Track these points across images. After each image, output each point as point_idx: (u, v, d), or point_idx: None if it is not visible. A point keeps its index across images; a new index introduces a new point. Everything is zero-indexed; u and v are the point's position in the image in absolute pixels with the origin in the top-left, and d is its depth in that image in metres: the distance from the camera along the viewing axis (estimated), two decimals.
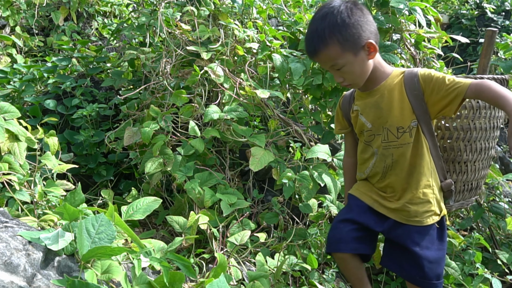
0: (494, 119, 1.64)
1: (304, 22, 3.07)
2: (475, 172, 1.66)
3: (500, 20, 6.46)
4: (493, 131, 1.66)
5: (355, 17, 1.37)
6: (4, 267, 1.08)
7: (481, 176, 1.70)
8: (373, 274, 2.38)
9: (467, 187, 1.67)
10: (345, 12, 1.37)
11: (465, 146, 1.62)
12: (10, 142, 1.84)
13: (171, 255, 1.31)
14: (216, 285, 1.03)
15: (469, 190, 1.69)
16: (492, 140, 1.66)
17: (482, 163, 1.67)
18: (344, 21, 1.36)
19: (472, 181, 1.68)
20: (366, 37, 1.38)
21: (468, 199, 1.71)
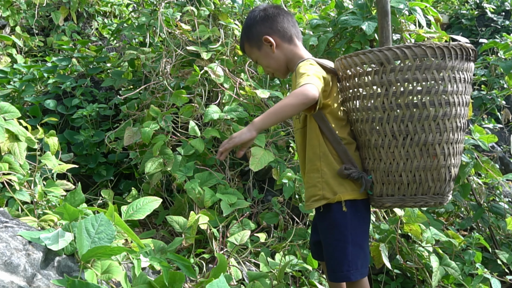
0: (404, 97, 1.37)
1: (304, 22, 3.07)
2: (398, 161, 1.40)
3: (500, 20, 6.46)
4: (411, 112, 1.37)
5: (256, 19, 1.62)
6: (4, 267, 1.08)
7: (416, 168, 1.39)
8: (373, 274, 2.38)
9: (395, 178, 1.42)
10: (251, 16, 1.64)
11: (371, 129, 1.43)
12: (10, 142, 1.84)
13: (171, 255, 1.31)
14: (216, 285, 1.03)
15: (403, 184, 1.42)
16: (417, 123, 1.37)
17: (406, 150, 1.39)
18: (247, 23, 1.65)
19: (401, 172, 1.41)
20: (265, 33, 1.59)
21: (413, 196, 1.43)
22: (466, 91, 1.41)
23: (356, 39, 2.40)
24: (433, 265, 2.07)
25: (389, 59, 1.36)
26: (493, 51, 3.31)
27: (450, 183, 1.43)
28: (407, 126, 1.37)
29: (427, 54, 1.35)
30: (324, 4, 3.15)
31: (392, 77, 1.37)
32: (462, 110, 1.40)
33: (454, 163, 1.41)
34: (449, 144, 1.39)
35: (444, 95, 1.36)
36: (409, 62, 1.36)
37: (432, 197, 1.42)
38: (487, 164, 2.46)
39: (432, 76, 1.35)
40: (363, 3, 2.42)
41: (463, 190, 2.53)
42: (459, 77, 1.38)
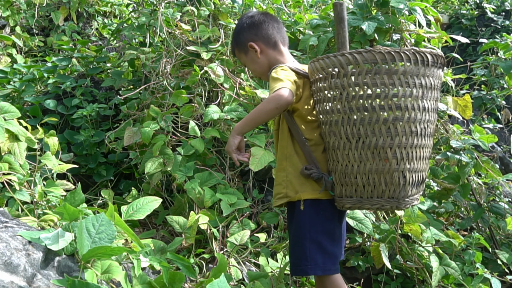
0: (356, 101, 1.40)
1: (304, 22, 3.07)
2: (353, 163, 1.43)
3: (500, 20, 6.46)
4: (363, 115, 1.40)
5: (244, 26, 1.71)
6: (4, 267, 1.08)
7: (369, 170, 1.41)
8: (373, 274, 2.38)
9: (351, 180, 1.45)
10: (239, 22, 1.75)
11: (329, 131, 1.48)
12: (10, 142, 1.84)
13: (171, 255, 1.31)
14: (216, 285, 1.03)
15: (359, 186, 1.44)
16: (368, 126, 1.39)
17: (359, 153, 1.42)
18: (236, 30, 1.75)
19: (356, 174, 1.43)
20: (250, 39, 1.68)
21: (370, 199, 1.44)
22: (426, 96, 1.41)
23: (356, 39, 2.40)
24: (433, 265, 2.07)
25: (343, 64, 1.40)
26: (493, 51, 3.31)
27: (406, 188, 1.42)
28: (359, 129, 1.41)
29: (377, 60, 1.37)
30: (324, 4, 3.15)
31: (345, 82, 1.41)
32: (420, 115, 1.40)
33: (410, 168, 1.41)
34: (402, 149, 1.39)
35: (396, 99, 1.38)
36: (359, 67, 1.39)
37: (387, 201, 1.43)
38: (487, 164, 2.46)
39: (382, 80, 1.37)
40: (363, 3, 2.42)
41: (463, 190, 2.53)
42: (414, 82, 1.38)
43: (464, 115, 2.74)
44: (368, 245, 2.35)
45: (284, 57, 1.69)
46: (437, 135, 2.70)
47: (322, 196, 1.53)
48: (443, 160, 2.67)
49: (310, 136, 1.57)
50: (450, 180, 2.56)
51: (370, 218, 2.29)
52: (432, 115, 1.45)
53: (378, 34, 2.40)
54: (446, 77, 2.87)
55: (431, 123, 1.45)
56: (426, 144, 1.46)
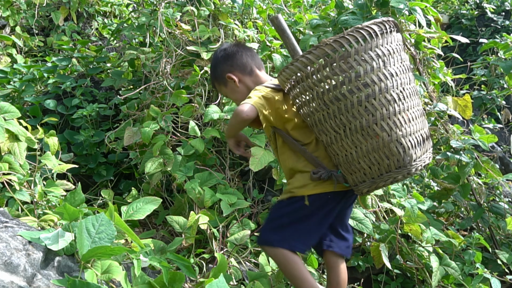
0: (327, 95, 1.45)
1: (304, 22, 3.07)
2: (350, 151, 1.50)
3: (500, 20, 6.46)
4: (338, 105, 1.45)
5: (219, 59, 1.80)
6: (4, 267, 1.08)
7: (367, 151, 1.46)
8: (373, 274, 2.38)
9: (357, 166, 1.51)
10: (214, 56, 1.83)
11: (318, 131, 1.56)
12: (10, 142, 1.84)
13: (171, 255, 1.31)
14: (215, 285, 1.03)
15: (365, 169, 1.50)
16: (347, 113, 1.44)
17: (351, 140, 1.47)
18: (212, 64, 1.83)
19: (358, 160, 1.49)
20: (227, 71, 1.76)
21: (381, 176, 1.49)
22: (388, 63, 1.43)
23: None
24: (433, 265, 2.07)
25: (301, 68, 1.48)
26: (493, 51, 3.31)
27: (409, 153, 1.44)
28: (340, 119, 1.45)
29: (327, 52, 1.42)
30: (324, 4, 3.15)
31: (310, 82, 1.48)
32: (390, 83, 1.42)
33: (403, 133, 1.43)
34: (387, 120, 1.42)
35: (360, 79, 1.41)
36: (316, 65, 1.45)
37: (397, 171, 1.45)
38: (487, 164, 2.46)
39: (341, 68, 1.42)
40: (363, 3, 2.42)
41: (463, 190, 2.53)
42: (370, 56, 1.41)
43: (464, 115, 2.74)
44: (368, 245, 2.35)
45: (261, 80, 1.77)
46: (437, 135, 2.70)
47: (331, 189, 1.58)
48: (443, 160, 2.67)
49: (308, 141, 1.63)
50: (450, 180, 2.56)
51: (370, 218, 2.29)
52: (403, 76, 1.46)
53: None
54: (446, 77, 2.87)
55: (406, 84, 1.47)
56: (411, 105, 1.47)
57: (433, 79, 2.83)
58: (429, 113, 2.83)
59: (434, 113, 2.71)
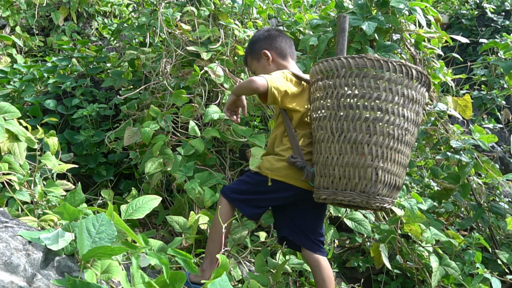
0: (344, 99, 1.57)
1: (304, 22, 3.07)
2: (333, 155, 1.57)
3: (500, 20, 6.46)
4: (347, 112, 1.55)
5: (260, 37, 1.93)
6: (4, 267, 1.08)
7: (346, 163, 1.55)
8: (373, 274, 2.38)
9: (330, 172, 1.58)
10: (256, 34, 1.97)
11: (318, 126, 1.65)
12: (10, 142, 1.83)
13: (173, 251, 1.30)
14: (218, 284, 1.03)
15: (336, 177, 1.57)
16: (351, 122, 1.54)
17: (340, 146, 1.56)
18: (252, 40, 1.96)
19: (334, 166, 1.57)
20: (264, 48, 1.89)
21: (343, 191, 1.56)
22: (406, 105, 1.56)
23: (356, 39, 2.40)
24: (433, 265, 2.07)
25: (338, 67, 1.58)
26: (493, 51, 3.31)
27: (377, 185, 1.53)
28: (343, 124, 1.56)
29: (366, 65, 1.54)
30: (324, 4, 3.15)
31: (337, 82, 1.58)
32: (398, 121, 1.54)
33: (384, 166, 1.53)
34: (378, 147, 1.53)
35: (378, 102, 1.53)
36: (351, 70, 1.56)
37: (359, 194, 1.55)
38: (487, 164, 2.46)
39: (369, 83, 1.54)
40: (363, 3, 2.42)
41: (463, 190, 2.53)
42: (397, 90, 1.54)
43: (464, 115, 2.74)
44: (368, 245, 2.35)
45: (291, 67, 1.89)
46: (437, 135, 2.70)
47: (294, 182, 1.71)
48: (443, 160, 2.68)
49: (301, 132, 1.75)
50: (450, 180, 2.56)
51: (370, 218, 2.29)
52: (411, 126, 1.58)
53: (378, 34, 2.40)
54: (446, 77, 2.87)
55: (409, 133, 1.58)
56: (403, 151, 1.58)
57: (433, 79, 2.83)
58: (429, 113, 2.83)
59: (434, 113, 2.71)
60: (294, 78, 1.76)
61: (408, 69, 1.54)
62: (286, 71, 1.77)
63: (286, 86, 1.70)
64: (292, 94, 1.72)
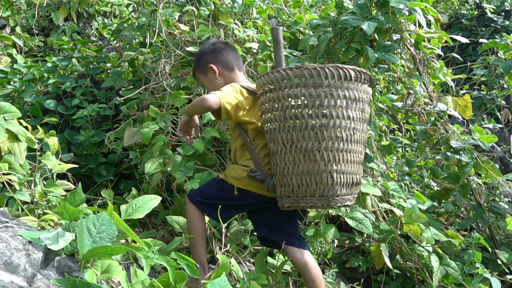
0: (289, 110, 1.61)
1: (304, 22, 3.07)
2: (288, 166, 1.63)
3: (500, 20, 6.46)
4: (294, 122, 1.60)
5: (206, 51, 1.95)
6: (4, 267, 1.08)
7: (302, 171, 1.60)
8: (373, 274, 2.39)
9: (288, 181, 1.64)
10: (202, 48, 1.99)
11: (270, 138, 1.69)
12: (10, 142, 1.83)
13: (175, 255, 1.30)
14: (218, 284, 1.03)
15: (294, 186, 1.63)
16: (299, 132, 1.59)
17: (293, 156, 1.61)
18: (198, 53, 1.99)
19: (291, 176, 1.63)
20: (210, 62, 1.91)
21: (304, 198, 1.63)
22: (350, 106, 1.60)
23: (356, 39, 2.40)
24: (434, 265, 2.07)
25: (278, 79, 1.62)
26: (493, 51, 3.31)
27: (335, 188, 1.59)
28: (292, 135, 1.60)
29: (305, 75, 1.58)
30: (324, 4, 3.15)
31: (281, 94, 1.62)
32: (344, 123, 1.59)
33: (337, 169, 1.59)
34: (328, 152, 1.58)
35: (321, 108, 1.58)
36: (291, 81, 1.60)
37: (319, 199, 1.60)
38: (487, 164, 2.46)
39: (310, 92, 1.58)
40: (363, 3, 2.42)
41: (463, 190, 2.53)
42: (338, 94, 1.58)
43: (464, 115, 2.74)
44: (368, 245, 2.35)
45: (239, 79, 1.91)
46: (437, 135, 2.70)
47: (259, 191, 1.76)
48: (443, 160, 2.68)
49: (259, 142, 1.79)
50: (450, 180, 2.57)
51: (370, 218, 2.29)
52: (358, 124, 1.63)
53: (378, 34, 2.40)
54: (446, 77, 2.87)
55: (358, 131, 1.63)
56: (354, 149, 1.63)
57: (433, 79, 2.84)
58: (429, 113, 2.83)
59: (434, 113, 2.71)
60: (245, 90, 1.79)
61: (346, 71, 1.58)
62: (235, 84, 1.80)
63: (237, 99, 1.73)
64: (243, 107, 1.75)
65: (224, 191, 1.80)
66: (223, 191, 1.80)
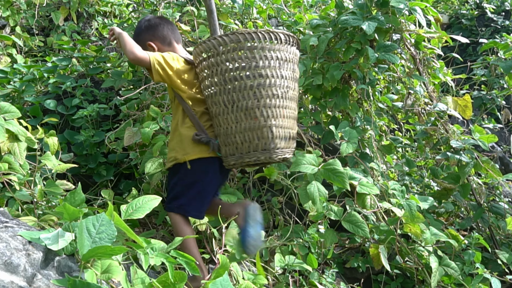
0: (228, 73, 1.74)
1: (304, 22, 3.07)
2: (231, 125, 1.75)
3: (500, 20, 6.46)
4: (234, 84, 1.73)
5: (142, 28, 2.00)
6: (4, 267, 1.08)
7: (244, 129, 1.73)
8: (373, 274, 2.38)
9: (232, 140, 1.77)
10: (138, 25, 2.04)
11: (212, 102, 1.81)
12: (10, 142, 1.84)
13: (175, 253, 1.30)
14: (219, 284, 1.03)
15: (238, 143, 1.76)
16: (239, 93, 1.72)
17: (235, 116, 1.74)
18: (135, 32, 2.02)
19: (235, 134, 1.75)
20: (148, 39, 1.97)
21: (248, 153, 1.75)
22: (282, 66, 1.76)
23: (356, 39, 2.40)
24: (433, 265, 2.07)
25: (215, 46, 1.74)
26: (493, 51, 3.31)
27: (275, 141, 1.75)
28: (232, 96, 1.74)
29: (240, 39, 1.72)
30: (324, 4, 3.15)
31: (219, 59, 1.74)
32: (279, 81, 1.75)
33: (276, 124, 1.74)
34: (267, 108, 1.73)
35: (257, 69, 1.72)
36: (228, 46, 1.73)
37: (262, 153, 1.75)
38: (487, 164, 2.46)
39: (246, 55, 1.72)
40: (363, 3, 2.42)
41: (463, 190, 2.53)
42: (271, 55, 1.73)
43: (464, 115, 2.74)
44: (368, 245, 2.34)
45: (178, 52, 1.97)
46: (437, 135, 2.70)
47: (206, 155, 1.83)
48: (443, 160, 2.68)
49: (198, 110, 1.87)
50: (450, 180, 2.56)
51: (370, 218, 2.29)
52: (290, 83, 1.79)
53: (378, 34, 2.40)
54: (446, 77, 2.87)
55: (290, 89, 1.79)
56: (289, 106, 1.79)
57: (433, 79, 2.83)
58: (429, 113, 2.83)
59: (434, 113, 2.71)
60: (182, 59, 1.89)
61: (276, 34, 1.74)
62: (173, 53, 1.90)
63: (172, 65, 1.83)
64: (180, 75, 1.85)
65: (185, 176, 1.84)
66: (185, 177, 1.84)
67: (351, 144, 2.26)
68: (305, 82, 2.54)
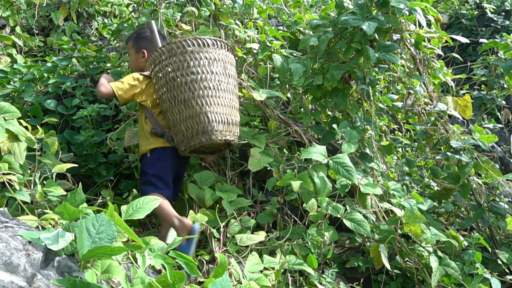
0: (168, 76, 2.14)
1: (304, 22, 3.07)
2: (176, 117, 2.11)
3: (500, 20, 6.46)
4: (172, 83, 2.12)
5: (146, 36, 2.36)
6: (4, 267, 1.08)
7: (185, 118, 2.09)
8: (373, 274, 2.38)
9: (178, 129, 2.12)
10: (146, 31, 2.37)
11: (161, 102, 2.20)
12: (10, 142, 1.84)
13: (174, 253, 1.31)
14: (219, 284, 1.03)
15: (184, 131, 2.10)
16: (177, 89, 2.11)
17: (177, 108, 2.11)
18: (140, 32, 2.42)
19: (180, 124, 2.10)
20: (145, 47, 2.35)
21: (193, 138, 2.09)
22: (212, 64, 2.14)
23: (356, 39, 2.40)
24: (433, 265, 2.07)
25: (157, 57, 2.17)
26: (493, 51, 3.31)
27: (212, 124, 2.08)
28: (173, 93, 2.13)
29: (173, 48, 2.14)
30: (324, 4, 3.15)
31: (161, 66, 2.16)
32: (209, 76, 2.12)
33: (210, 110, 2.09)
34: (201, 98, 2.09)
35: (189, 68, 2.12)
36: (166, 54, 2.14)
37: (202, 135, 2.08)
38: (487, 164, 2.46)
39: (179, 59, 2.13)
40: (363, 3, 2.42)
41: (463, 190, 2.53)
42: (200, 56, 2.13)
43: (464, 115, 2.74)
44: (368, 245, 2.35)
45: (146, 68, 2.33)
46: (437, 135, 2.70)
47: (162, 145, 2.19)
48: (443, 160, 2.68)
49: (156, 111, 2.25)
50: (450, 180, 2.56)
51: (370, 218, 2.29)
52: (222, 77, 2.16)
53: (378, 34, 2.40)
54: (446, 77, 2.87)
55: (223, 82, 2.15)
56: (223, 96, 2.14)
57: (433, 79, 2.84)
58: (429, 113, 2.83)
59: (434, 113, 2.71)
60: (142, 77, 2.25)
61: (203, 40, 2.15)
62: (135, 74, 2.26)
63: (132, 86, 2.20)
64: (139, 91, 2.22)
65: (151, 163, 2.17)
66: (151, 164, 2.17)
67: (353, 144, 2.27)
68: (305, 82, 2.54)
